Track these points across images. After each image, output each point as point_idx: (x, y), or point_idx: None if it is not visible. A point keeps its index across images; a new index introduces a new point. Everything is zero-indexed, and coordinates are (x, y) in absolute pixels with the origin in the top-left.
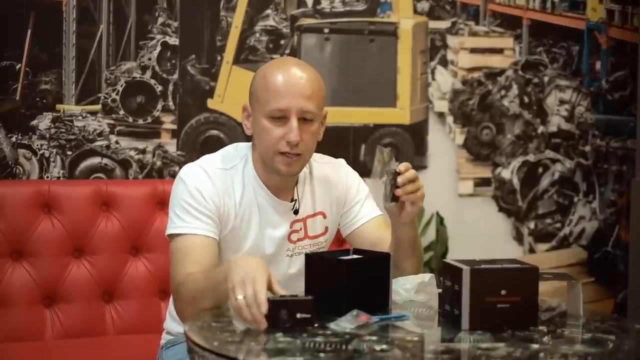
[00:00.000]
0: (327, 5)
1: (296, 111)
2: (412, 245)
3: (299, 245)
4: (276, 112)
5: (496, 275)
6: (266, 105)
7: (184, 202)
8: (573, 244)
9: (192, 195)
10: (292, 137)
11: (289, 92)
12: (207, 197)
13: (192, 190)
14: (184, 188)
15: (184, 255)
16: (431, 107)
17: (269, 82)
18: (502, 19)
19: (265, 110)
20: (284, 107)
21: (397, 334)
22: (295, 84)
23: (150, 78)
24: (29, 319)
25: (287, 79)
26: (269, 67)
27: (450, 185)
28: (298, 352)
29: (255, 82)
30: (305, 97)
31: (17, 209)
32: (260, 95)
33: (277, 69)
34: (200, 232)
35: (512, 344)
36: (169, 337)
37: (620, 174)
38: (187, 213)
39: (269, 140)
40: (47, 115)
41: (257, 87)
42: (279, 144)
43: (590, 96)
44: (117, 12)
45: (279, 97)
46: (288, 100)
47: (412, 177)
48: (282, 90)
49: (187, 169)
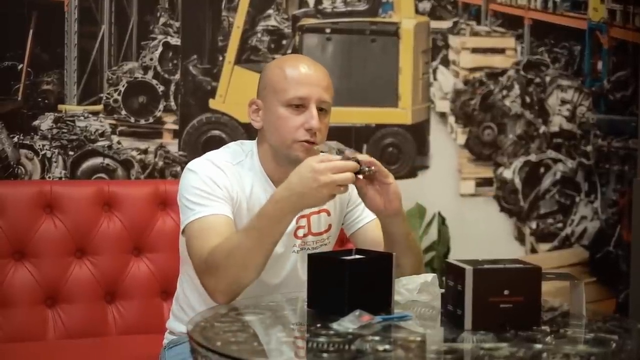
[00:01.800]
0: (328, 5)
1: (316, 100)
2: (406, 240)
3: (305, 240)
4: (296, 100)
5: (499, 275)
6: (285, 94)
7: (198, 190)
8: (575, 244)
9: (205, 182)
10: (313, 123)
11: (309, 81)
12: (220, 184)
13: (204, 179)
14: (196, 177)
15: (205, 233)
16: (433, 107)
17: (288, 72)
18: (503, 19)
19: (284, 99)
20: (304, 95)
21: (399, 334)
22: (314, 74)
23: (152, 78)
24: (31, 320)
25: (306, 69)
26: (283, 60)
27: (452, 185)
28: (301, 352)
29: (270, 74)
30: (323, 87)
31: (19, 210)
32: (277, 85)
33: (293, 60)
34: (219, 211)
35: (515, 344)
36: (171, 337)
37: (622, 173)
38: (203, 198)
39: (286, 129)
40: (49, 115)
41: (272, 78)
42: (297, 132)
43: (591, 96)
44: (119, 12)
45: (298, 86)
46: (308, 88)
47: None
48: (303, 79)
49: (196, 162)
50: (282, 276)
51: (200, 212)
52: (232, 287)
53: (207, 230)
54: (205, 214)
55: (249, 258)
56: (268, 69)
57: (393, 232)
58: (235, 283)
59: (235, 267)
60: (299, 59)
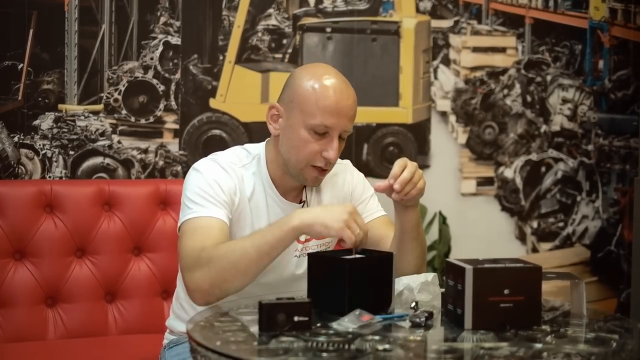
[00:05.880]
0: (329, 5)
1: (340, 131)
2: (416, 230)
3: (307, 245)
4: (321, 128)
5: (499, 274)
6: (312, 119)
7: (201, 191)
8: (576, 243)
9: (209, 184)
10: (331, 154)
11: (338, 112)
12: (224, 188)
13: (209, 180)
14: (201, 177)
15: (200, 232)
16: (434, 106)
17: (319, 96)
18: (504, 18)
19: (310, 123)
20: (330, 125)
21: (399, 334)
22: (344, 104)
23: (152, 78)
24: (31, 319)
25: (339, 99)
26: (317, 78)
27: (453, 184)
28: (301, 351)
29: (301, 90)
30: (350, 117)
31: (20, 209)
32: (306, 106)
33: (327, 82)
34: (215, 215)
35: (515, 344)
36: (171, 337)
37: (623, 172)
38: (203, 199)
39: (304, 153)
40: (49, 115)
41: (302, 96)
42: (314, 157)
43: (593, 95)
44: (119, 11)
45: (327, 115)
46: (335, 119)
47: (407, 178)
48: (332, 109)
49: (202, 162)
50: (282, 280)
51: (197, 212)
52: (214, 289)
53: (200, 230)
54: (201, 214)
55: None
56: (299, 81)
57: (406, 220)
58: (219, 287)
59: (228, 269)
60: (332, 80)
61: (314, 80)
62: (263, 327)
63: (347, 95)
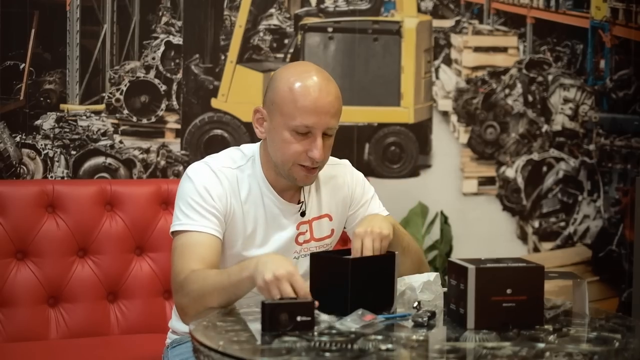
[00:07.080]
0: (330, 4)
1: (322, 128)
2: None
3: (305, 247)
4: (302, 128)
5: (502, 274)
6: (291, 120)
7: (191, 200)
8: (577, 243)
9: (199, 193)
10: (316, 154)
11: (316, 111)
12: (214, 195)
13: (199, 189)
14: (192, 186)
15: (188, 251)
16: (435, 106)
17: (297, 97)
18: (506, 18)
19: (290, 125)
20: (311, 125)
21: (402, 333)
22: (324, 102)
23: (154, 77)
24: (33, 319)
25: (317, 97)
26: (294, 78)
27: (455, 184)
28: (304, 351)
29: (279, 91)
30: (331, 114)
31: (22, 209)
32: (285, 108)
33: (304, 81)
34: (206, 230)
35: (517, 343)
36: (174, 337)
37: (625, 172)
38: (193, 211)
39: (289, 153)
40: (51, 115)
41: (281, 98)
42: (299, 157)
43: (594, 94)
44: (121, 11)
45: (306, 115)
46: (315, 118)
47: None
48: (311, 108)
49: (195, 167)
50: None
51: (187, 224)
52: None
53: (189, 249)
54: (192, 228)
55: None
56: (278, 83)
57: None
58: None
59: (202, 304)
60: (310, 78)
61: (292, 80)
62: (266, 327)
63: (327, 92)
